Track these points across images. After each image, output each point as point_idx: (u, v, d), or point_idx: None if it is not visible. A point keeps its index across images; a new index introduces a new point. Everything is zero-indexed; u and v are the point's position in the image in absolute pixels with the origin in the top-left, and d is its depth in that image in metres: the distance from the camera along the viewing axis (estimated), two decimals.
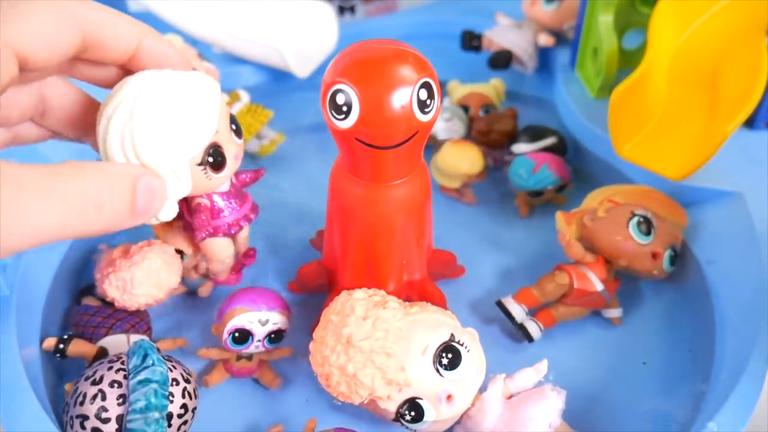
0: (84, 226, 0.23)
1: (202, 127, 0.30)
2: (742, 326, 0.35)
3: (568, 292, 0.40)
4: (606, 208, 0.41)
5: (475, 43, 0.59)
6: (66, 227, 0.22)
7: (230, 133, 0.32)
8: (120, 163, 0.27)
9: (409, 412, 0.32)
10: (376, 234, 0.36)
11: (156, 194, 0.26)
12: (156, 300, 0.38)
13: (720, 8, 0.42)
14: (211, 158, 0.31)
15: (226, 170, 0.33)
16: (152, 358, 0.31)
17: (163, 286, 0.38)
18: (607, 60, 0.49)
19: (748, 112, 0.38)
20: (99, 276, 0.38)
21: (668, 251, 0.40)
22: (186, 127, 0.29)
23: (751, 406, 0.31)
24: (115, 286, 0.37)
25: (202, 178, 0.31)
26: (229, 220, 0.39)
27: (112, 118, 0.27)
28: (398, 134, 0.31)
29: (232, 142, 0.33)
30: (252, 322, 0.36)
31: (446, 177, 0.50)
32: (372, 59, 0.31)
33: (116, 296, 0.37)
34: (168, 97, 0.28)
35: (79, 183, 0.23)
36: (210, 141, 0.31)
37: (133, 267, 0.37)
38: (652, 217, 0.40)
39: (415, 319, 0.33)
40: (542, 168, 0.47)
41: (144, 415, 0.30)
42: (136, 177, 0.25)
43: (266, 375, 0.39)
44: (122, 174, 0.25)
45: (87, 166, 0.23)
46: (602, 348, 0.40)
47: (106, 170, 0.24)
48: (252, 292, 0.37)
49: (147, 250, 0.38)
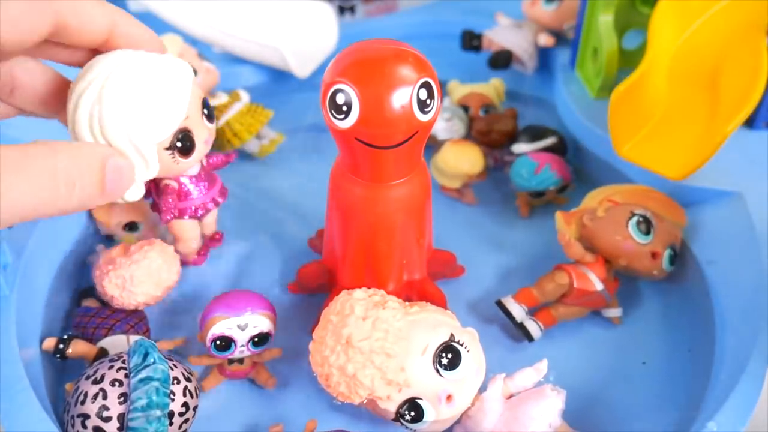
0: (56, 204, 0.24)
1: (171, 112, 0.30)
2: (741, 326, 0.35)
3: (568, 292, 0.40)
4: (605, 208, 0.41)
5: (475, 43, 0.59)
6: (39, 205, 0.23)
7: (201, 117, 0.33)
8: (89, 143, 0.27)
9: (408, 412, 0.32)
10: (376, 234, 0.36)
11: (124, 175, 0.27)
12: (154, 299, 0.38)
13: (720, 8, 0.42)
14: (179, 143, 0.31)
15: (195, 155, 0.33)
16: (153, 356, 0.31)
17: (162, 284, 0.38)
18: (607, 60, 0.50)
19: (748, 112, 0.38)
20: (98, 273, 0.38)
21: (668, 251, 0.40)
22: (154, 112, 0.29)
23: (750, 405, 0.31)
24: (115, 283, 0.37)
25: (169, 162, 0.31)
26: (196, 202, 0.39)
27: (81, 98, 0.27)
28: (398, 134, 0.31)
29: (202, 127, 0.33)
30: (231, 328, 0.35)
31: (447, 177, 0.50)
32: (372, 59, 0.31)
33: (115, 294, 0.37)
34: (138, 80, 0.28)
35: (50, 161, 0.23)
36: (179, 126, 0.31)
37: (133, 265, 0.37)
38: (652, 216, 0.40)
39: (414, 319, 0.33)
40: (544, 168, 0.47)
41: (145, 414, 0.30)
42: (105, 157, 0.26)
43: (261, 375, 0.39)
44: (91, 153, 0.25)
45: (57, 145, 0.24)
46: (602, 348, 0.40)
47: (76, 149, 0.25)
48: (230, 296, 0.37)
49: (147, 249, 0.38)
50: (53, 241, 0.42)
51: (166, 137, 0.31)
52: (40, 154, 0.23)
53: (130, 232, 0.45)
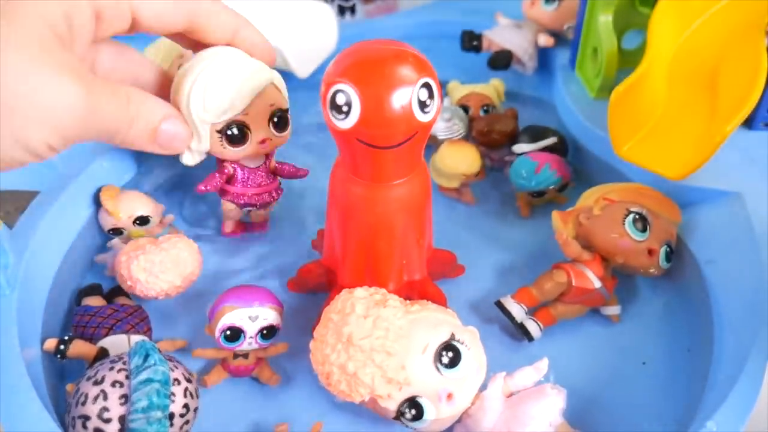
0: (121, 130, 0.30)
1: (229, 104, 0.36)
2: (740, 326, 0.36)
3: (567, 290, 0.40)
4: (601, 206, 0.41)
5: (475, 43, 0.59)
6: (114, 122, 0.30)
7: (267, 122, 0.39)
8: (159, 100, 0.33)
9: (409, 411, 0.32)
10: (376, 234, 0.36)
11: (176, 136, 0.33)
12: (176, 289, 0.40)
13: (720, 8, 0.42)
14: (229, 131, 0.38)
15: (245, 148, 0.39)
16: (154, 357, 0.31)
17: (186, 276, 0.40)
18: (606, 60, 0.50)
19: (748, 112, 0.38)
20: (125, 259, 0.39)
21: (664, 247, 0.40)
22: (215, 98, 0.35)
23: (749, 405, 0.31)
24: (143, 267, 0.38)
25: (217, 145, 0.38)
26: (238, 190, 0.43)
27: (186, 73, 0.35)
28: (398, 134, 0.31)
29: (263, 130, 0.39)
30: (242, 318, 0.36)
31: (444, 177, 0.50)
32: (372, 59, 0.31)
33: (141, 278, 0.38)
34: (215, 71, 0.35)
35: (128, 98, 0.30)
36: (235, 118, 0.37)
37: (163, 252, 0.39)
38: (647, 213, 0.40)
39: (415, 318, 0.33)
40: (544, 168, 0.47)
41: (146, 415, 0.30)
42: (167, 114, 0.33)
43: (264, 372, 0.39)
44: (156, 107, 0.32)
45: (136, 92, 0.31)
46: (602, 347, 0.41)
47: (147, 98, 0.32)
48: (241, 289, 0.37)
49: (176, 240, 0.40)
50: (53, 241, 0.42)
51: (219, 122, 0.37)
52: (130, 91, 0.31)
53: (140, 226, 0.45)
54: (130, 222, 0.45)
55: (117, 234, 0.45)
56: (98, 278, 0.44)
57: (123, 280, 0.40)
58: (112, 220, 0.45)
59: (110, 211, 0.44)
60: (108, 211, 0.44)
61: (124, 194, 0.45)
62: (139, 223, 0.45)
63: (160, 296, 0.40)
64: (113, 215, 0.44)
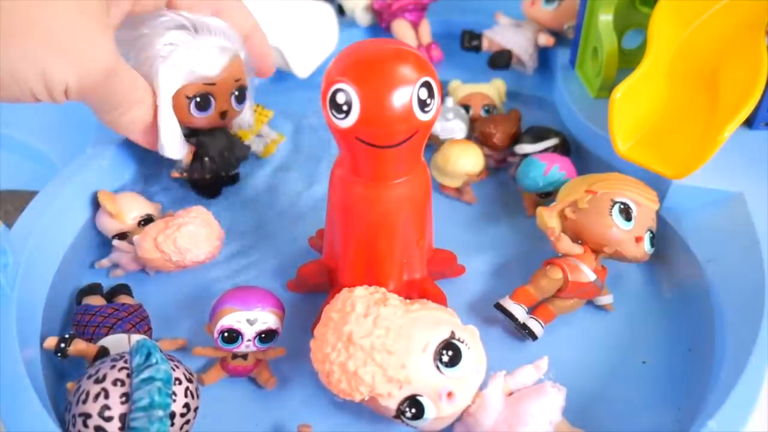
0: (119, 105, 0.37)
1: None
2: (741, 325, 0.35)
3: (564, 286, 0.40)
4: (586, 199, 0.41)
5: (475, 43, 0.59)
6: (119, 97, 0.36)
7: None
8: None
9: (409, 410, 0.32)
10: (376, 233, 0.36)
11: None
12: (217, 249, 0.43)
13: (720, 8, 0.43)
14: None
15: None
16: (155, 356, 0.31)
17: (219, 236, 0.43)
18: (607, 60, 0.50)
19: (748, 112, 0.38)
20: (161, 238, 0.41)
21: (647, 234, 0.41)
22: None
23: (750, 404, 0.31)
24: (187, 238, 0.41)
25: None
26: None
27: None
28: (398, 133, 0.31)
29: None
30: (240, 321, 0.36)
31: (446, 176, 0.50)
32: (372, 59, 0.31)
33: (190, 247, 0.41)
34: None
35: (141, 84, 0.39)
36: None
37: (197, 221, 0.42)
38: (630, 202, 0.41)
39: (415, 317, 0.33)
40: (553, 170, 0.47)
41: (147, 413, 0.29)
42: None
43: (263, 374, 0.39)
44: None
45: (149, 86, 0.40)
46: (602, 346, 0.41)
47: None
48: (242, 291, 0.37)
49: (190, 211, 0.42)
50: (53, 240, 0.42)
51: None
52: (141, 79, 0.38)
53: (145, 226, 0.44)
54: (135, 223, 0.44)
55: (122, 239, 0.44)
56: (98, 278, 0.44)
57: (157, 263, 0.42)
58: (116, 224, 0.44)
59: (114, 214, 0.44)
60: (112, 215, 0.44)
61: (122, 197, 0.45)
62: (143, 224, 0.45)
63: (207, 260, 0.43)
64: (117, 218, 0.44)
